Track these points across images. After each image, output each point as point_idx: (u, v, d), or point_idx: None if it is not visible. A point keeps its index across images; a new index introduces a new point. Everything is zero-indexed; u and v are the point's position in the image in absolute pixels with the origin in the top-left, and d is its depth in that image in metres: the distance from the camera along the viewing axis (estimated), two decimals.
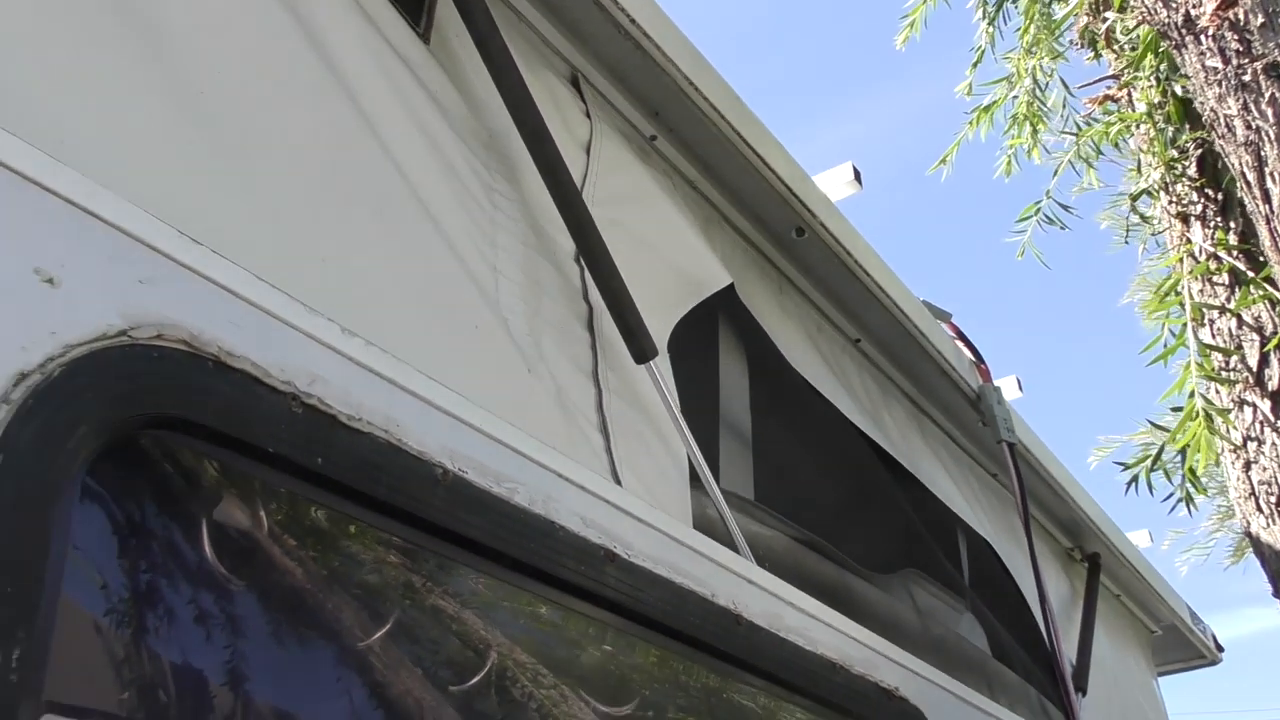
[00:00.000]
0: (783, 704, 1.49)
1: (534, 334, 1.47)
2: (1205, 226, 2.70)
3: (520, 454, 1.11)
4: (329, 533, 0.94)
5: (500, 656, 1.06)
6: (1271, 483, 2.49)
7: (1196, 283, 2.74)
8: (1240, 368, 2.60)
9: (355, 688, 0.93)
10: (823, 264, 2.29)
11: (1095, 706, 3.33)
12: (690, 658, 1.33)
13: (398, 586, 0.99)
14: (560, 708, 1.11)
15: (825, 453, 2.48)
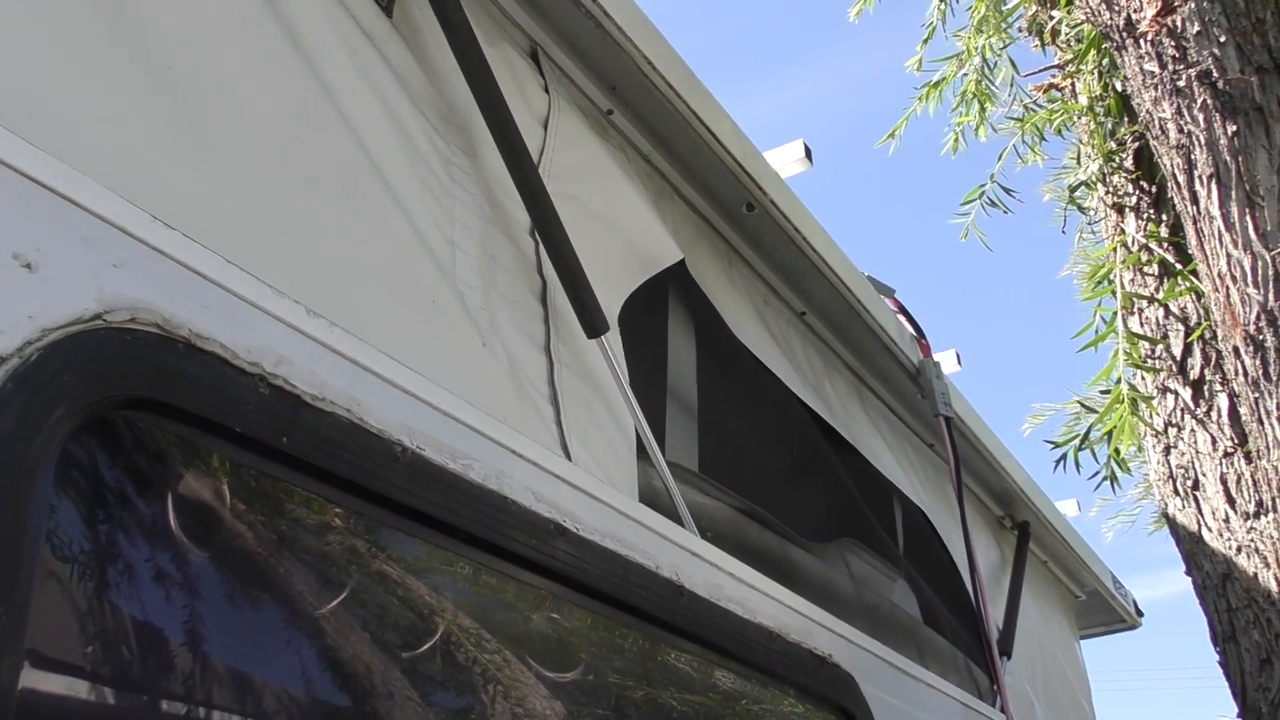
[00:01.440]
0: (721, 671, 1.55)
1: (489, 308, 1.50)
2: (1139, 218, 2.78)
3: (475, 431, 1.14)
4: (294, 510, 0.97)
5: (452, 626, 1.10)
6: (1189, 467, 2.58)
7: (1128, 272, 2.82)
8: (1165, 356, 2.69)
9: (319, 656, 0.97)
10: (771, 239, 2.33)
11: (1019, 669, 3.44)
12: (634, 627, 1.37)
13: (359, 561, 1.02)
14: (507, 673, 1.16)
15: (768, 423, 2.53)
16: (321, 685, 0.96)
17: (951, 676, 2.72)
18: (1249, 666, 2.34)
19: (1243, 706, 2.39)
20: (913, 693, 2.11)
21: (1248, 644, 2.35)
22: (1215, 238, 2.10)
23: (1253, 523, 2.31)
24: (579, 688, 1.24)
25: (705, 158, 2.10)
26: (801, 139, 2.61)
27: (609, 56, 1.87)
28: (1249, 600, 2.33)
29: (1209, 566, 2.52)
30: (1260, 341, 2.07)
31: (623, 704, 1.34)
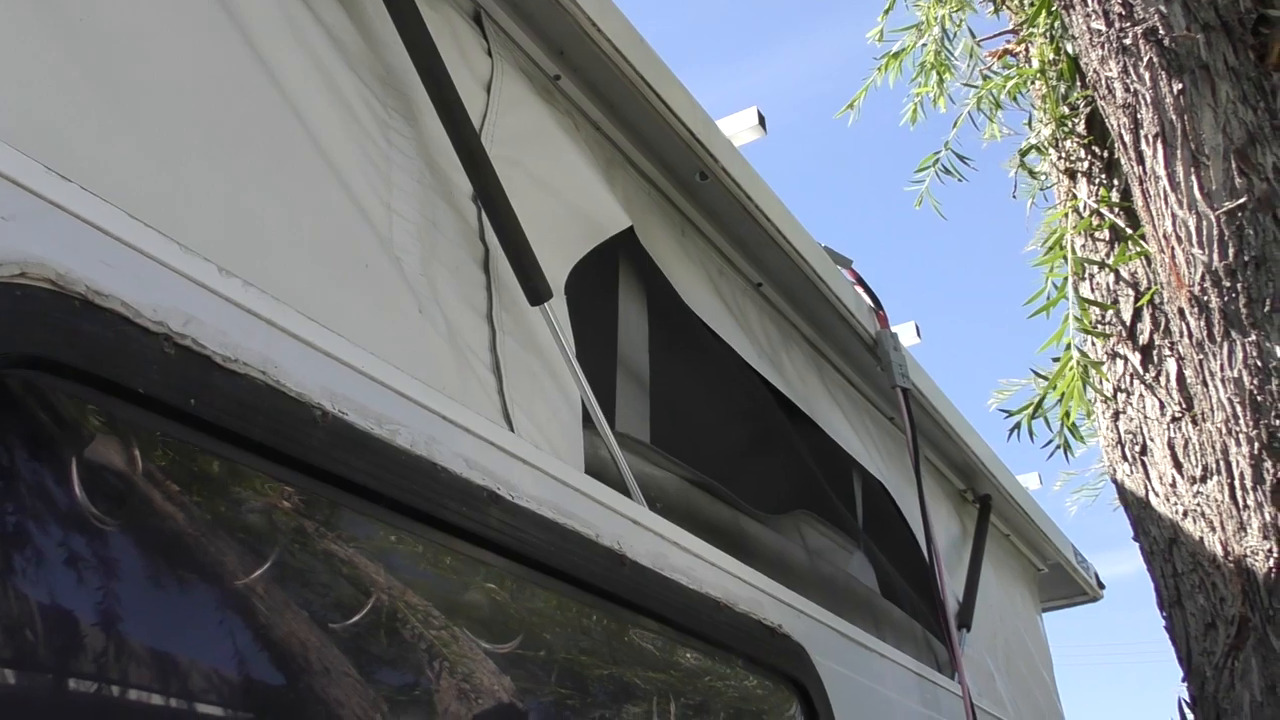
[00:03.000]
0: (668, 641, 1.53)
1: (428, 274, 1.47)
2: (1091, 183, 2.77)
3: (403, 396, 1.11)
4: (206, 474, 0.94)
5: (382, 595, 1.07)
6: (1137, 432, 2.58)
7: (1080, 238, 2.82)
8: (1115, 322, 2.68)
9: (234, 628, 0.94)
10: (725, 208, 2.31)
11: (980, 641, 3.45)
12: (576, 597, 1.35)
13: (277, 528, 0.99)
14: (443, 645, 1.13)
15: (724, 396, 2.52)
16: (236, 659, 0.94)
17: (909, 648, 2.72)
18: (1194, 631, 2.34)
19: (1188, 671, 2.40)
20: (866, 663, 2.10)
21: (1193, 608, 2.36)
22: (1161, 198, 2.09)
23: (1199, 487, 2.31)
24: (516, 658, 1.22)
25: (656, 125, 2.07)
26: (755, 106, 2.58)
27: (555, 20, 1.84)
28: (1194, 565, 2.34)
29: (1155, 531, 2.52)
30: (1205, 303, 2.07)
31: (564, 675, 1.32)
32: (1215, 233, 2.06)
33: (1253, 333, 2.04)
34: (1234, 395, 2.04)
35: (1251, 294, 2.07)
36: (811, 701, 1.80)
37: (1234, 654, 2.16)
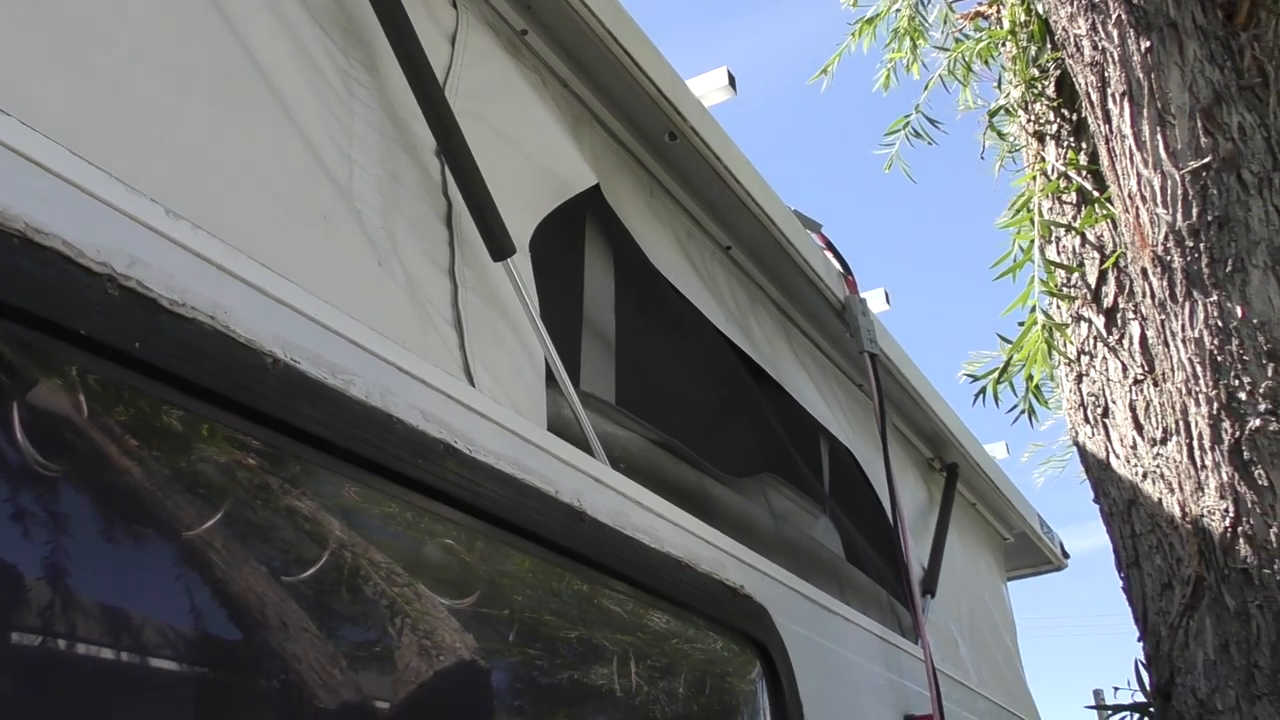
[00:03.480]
0: (628, 600, 1.52)
1: (388, 227, 1.45)
2: (1059, 146, 2.76)
3: (358, 346, 1.10)
4: (154, 420, 0.92)
5: (336, 548, 1.06)
6: (1099, 395, 2.60)
7: (1047, 200, 2.82)
8: (1080, 284, 2.69)
9: (186, 580, 0.92)
10: (694, 170, 2.29)
11: (944, 607, 3.48)
12: (534, 554, 1.34)
13: (229, 477, 0.98)
14: (400, 599, 1.12)
15: (691, 358, 2.51)
16: (189, 613, 0.92)
17: (873, 613, 2.73)
18: (1150, 591, 2.36)
19: (1144, 630, 2.42)
20: (828, 626, 2.11)
21: (1150, 569, 2.38)
22: (1126, 157, 2.09)
23: (1159, 449, 2.33)
24: (474, 614, 1.21)
25: (625, 84, 2.05)
26: (725, 66, 2.56)
27: None
28: (1153, 526, 2.35)
29: (1115, 493, 2.54)
30: (1168, 263, 2.07)
31: (522, 632, 1.31)
32: (1180, 192, 2.06)
33: (1214, 293, 2.05)
34: (1194, 355, 2.05)
35: (1214, 254, 2.08)
36: (773, 662, 1.80)
37: (1189, 613, 2.18)
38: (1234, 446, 2.05)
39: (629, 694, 1.47)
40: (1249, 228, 2.06)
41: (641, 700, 1.48)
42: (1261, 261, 2.06)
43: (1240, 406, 2.05)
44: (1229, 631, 2.11)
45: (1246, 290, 2.04)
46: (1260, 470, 2.03)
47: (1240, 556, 2.07)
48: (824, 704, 1.93)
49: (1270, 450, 2.02)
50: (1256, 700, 2.06)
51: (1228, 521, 2.07)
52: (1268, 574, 2.05)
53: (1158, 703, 2.34)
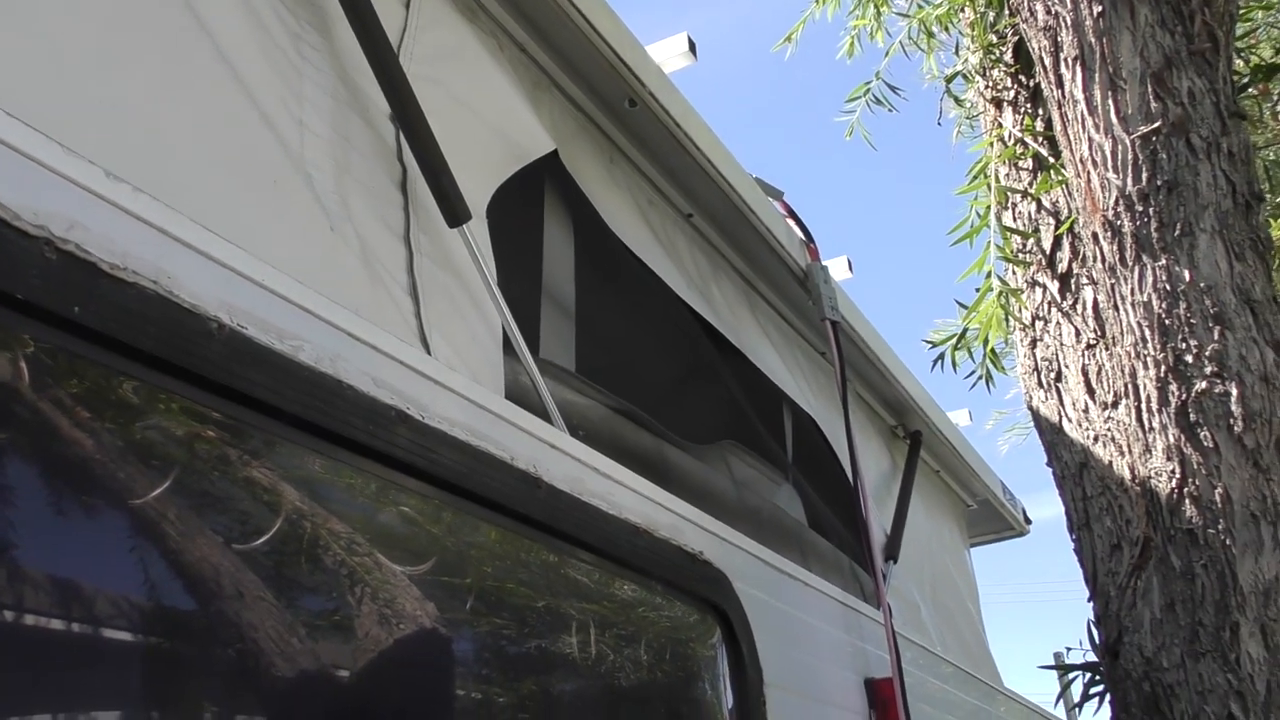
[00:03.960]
0: (585, 566, 1.52)
1: (341, 192, 1.43)
2: (1016, 112, 2.77)
3: (306, 311, 1.09)
4: (94, 385, 0.91)
5: (288, 516, 1.05)
6: (1053, 360, 2.62)
7: (1004, 167, 2.83)
8: (1035, 250, 2.70)
9: (128, 548, 0.91)
10: (655, 137, 2.28)
11: (907, 573, 3.51)
12: (490, 520, 1.34)
13: (173, 443, 0.97)
14: (351, 566, 1.12)
15: (652, 326, 2.51)
16: (140, 584, 0.91)
17: (835, 579, 2.75)
18: (1100, 552, 2.39)
19: (1093, 590, 2.45)
20: (789, 591, 2.12)
21: (1100, 530, 2.40)
22: (1079, 122, 2.10)
23: (1110, 412, 2.35)
24: (426, 580, 1.21)
25: (583, 49, 2.04)
26: (685, 32, 2.55)
27: None
28: (1103, 488, 2.38)
29: (1067, 456, 2.56)
30: (1118, 227, 2.09)
31: (478, 598, 1.31)
32: (1130, 157, 2.07)
33: (1163, 257, 2.07)
34: (1143, 319, 2.07)
35: (1163, 218, 2.09)
36: (732, 627, 1.81)
37: (1137, 573, 2.21)
38: (1180, 409, 2.07)
39: (587, 661, 1.47)
40: (1197, 192, 2.08)
41: (599, 666, 1.48)
42: (1209, 226, 2.07)
43: (1187, 369, 2.07)
44: (1174, 591, 2.14)
45: (1194, 254, 2.06)
46: (1206, 432, 2.06)
47: (1186, 517, 2.10)
48: (784, 668, 1.95)
49: (1215, 412, 2.05)
50: (1200, 657, 2.10)
51: (1174, 483, 2.10)
52: (1212, 534, 2.08)
53: (1106, 661, 2.37)
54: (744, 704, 1.80)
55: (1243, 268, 2.06)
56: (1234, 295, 2.04)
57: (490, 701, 1.26)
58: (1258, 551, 2.05)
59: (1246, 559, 2.05)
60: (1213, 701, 2.09)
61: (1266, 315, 2.07)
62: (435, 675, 1.20)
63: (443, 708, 1.20)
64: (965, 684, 3.13)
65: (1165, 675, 2.17)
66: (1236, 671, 2.05)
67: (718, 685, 1.82)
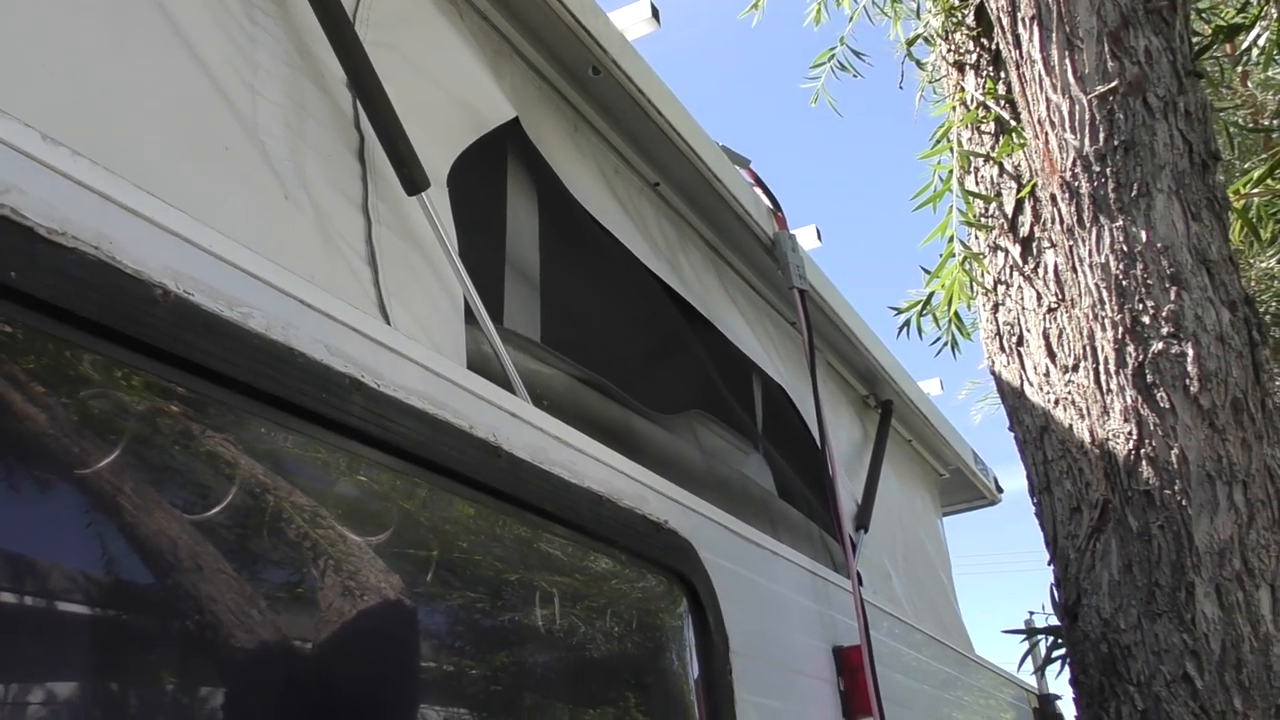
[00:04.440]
0: (548, 535, 1.52)
1: (296, 160, 1.41)
2: (979, 76, 2.76)
3: (256, 278, 1.07)
4: (35, 353, 0.90)
5: (238, 484, 1.04)
6: (1015, 324, 2.62)
7: (966, 131, 2.82)
8: (997, 214, 2.70)
9: (72, 518, 0.90)
10: (619, 104, 2.26)
11: (878, 543, 3.52)
12: (449, 489, 1.33)
13: (119, 413, 0.95)
14: (306, 536, 1.11)
15: (619, 295, 2.49)
16: (94, 557, 0.90)
17: (805, 548, 2.76)
18: (1060, 515, 2.40)
19: (1053, 554, 2.47)
20: (757, 560, 2.12)
21: (1060, 494, 2.41)
22: (1036, 82, 2.09)
23: (1070, 375, 2.35)
24: (383, 550, 1.20)
25: (546, 16, 2.02)
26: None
27: None
28: (1064, 451, 2.39)
29: (1029, 420, 2.57)
30: (1075, 188, 2.08)
31: (439, 568, 1.30)
32: (1087, 117, 2.07)
33: (1120, 218, 2.07)
34: (1101, 281, 2.07)
35: (1120, 179, 2.09)
36: (698, 596, 1.81)
37: (1096, 536, 2.22)
38: (1138, 370, 2.08)
39: (550, 630, 1.46)
40: (1154, 152, 2.08)
41: (562, 636, 1.48)
42: (1166, 186, 2.08)
43: (1144, 330, 2.08)
44: (1132, 552, 2.15)
45: (1151, 215, 2.06)
46: (1162, 393, 2.07)
47: (1143, 478, 2.11)
48: (751, 637, 1.95)
49: (1172, 373, 2.06)
50: (1156, 618, 2.11)
51: (1131, 444, 2.11)
52: (1169, 495, 2.09)
53: (1065, 623, 2.39)
54: (710, 672, 1.80)
55: (1199, 228, 2.06)
56: (1190, 255, 2.04)
57: (449, 672, 1.25)
58: (1213, 512, 2.07)
59: (1202, 519, 2.07)
60: (1168, 661, 2.11)
61: (1222, 275, 2.07)
62: (391, 645, 1.19)
63: (400, 678, 1.19)
64: (936, 652, 3.15)
65: (1122, 636, 2.19)
66: (1192, 631, 2.07)
67: (684, 654, 1.82)
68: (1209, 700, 2.05)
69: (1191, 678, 2.06)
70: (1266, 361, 2.07)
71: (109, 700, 0.88)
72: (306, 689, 1.05)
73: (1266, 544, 2.06)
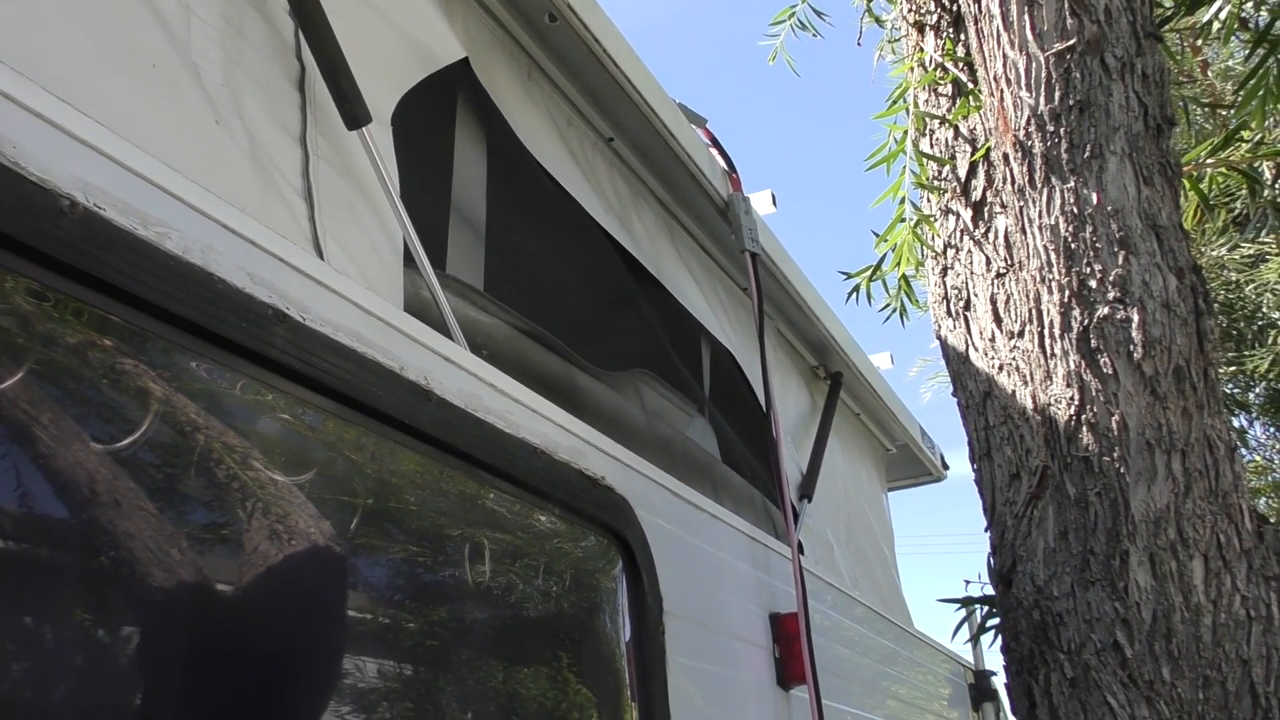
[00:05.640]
0: (480, 485, 1.48)
1: (231, 86, 1.36)
2: (938, 37, 2.74)
3: (175, 198, 1.02)
4: None
5: (149, 413, 0.99)
6: (962, 288, 2.61)
7: (923, 92, 2.80)
8: (950, 177, 2.68)
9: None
10: (575, 55, 2.22)
11: (821, 512, 3.52)
12: (376, 431, 1.29)
13: (19, 329, 0.90)
14: (219, 471, 1.06)
15: (568, 250, 2.45)
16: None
17: (746, 514, 2.74)
18: (999, 481, 2.40)
19: (991, 520, 2.47)
20: (695, 522, 2.10)
21: (1000, 460, 2.41)
22: (994, 38, 2.07)
23: (1016, 341, 2.35)
24: (304, 490, 1.16)
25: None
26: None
27: None
28: (1005, 417, 2.39)
29: (972, 385, 2.56)
30: (1029, 147, 2.07)
31: (364, 512, 1.26)
32: (1043, 75, 2.05)
33: (1072, 179, 2.05)
34: (1050, 243, 2.06)
35: (1074, 139, 2.08)
36: (633, 554, 1.78)
37: (1034, 502, 2.22)
38: (1082, 334, 2.07)
39: (478, 584, 1.43)
40: (1109, 113, 2.06)
41: (490, 590, 1.45)
42: (1119, 148, 2.06)
43: (1090, 294, 2.06)
44: (1068, 519, 2.15)
45: (1103, 177, 2.05)
46: (1106, 358, 2.06)
47: (1083, 444, 2.11)
48: (686, 598, 1.93)
49: (1116, 338, 2.05)
50: (1090, 586, 2.11)
51: (1073, 410, 2.10)
52: (1107, 462, 2.09)
53: (999, 590, 2.39)
54: (642, 632, 1.78)
55: (1150, 192, 2.05)
56: (1140, 220, 2.03)
57: (368, 622, 1.21)
58: (1150, 480, 2.07)
59: (1139, 487, 2.07)
60: (1099, 629, 2.11)
61: (1171, 241, 2.06)
62: (307, 591, 1.15)
63: (315, 626, 1.15)
64: (875, 623, 3.16)
65: (1055, 604, 2.19)
66: (1124, 600, 2.07)
67: (616, 613, 1.80)
68: (1138, 669, 2.06)
69: (1121, 646, 2.07)
70: (1211, 331, 2.06)
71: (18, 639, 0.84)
72: (215, 635, 1.01)
73: (1202, 514, 2.07)
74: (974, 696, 4.30)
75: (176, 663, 0.98)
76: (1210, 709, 2.05)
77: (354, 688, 1.16)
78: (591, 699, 1.67)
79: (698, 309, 2.75)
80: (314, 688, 1.15)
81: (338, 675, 1.16)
